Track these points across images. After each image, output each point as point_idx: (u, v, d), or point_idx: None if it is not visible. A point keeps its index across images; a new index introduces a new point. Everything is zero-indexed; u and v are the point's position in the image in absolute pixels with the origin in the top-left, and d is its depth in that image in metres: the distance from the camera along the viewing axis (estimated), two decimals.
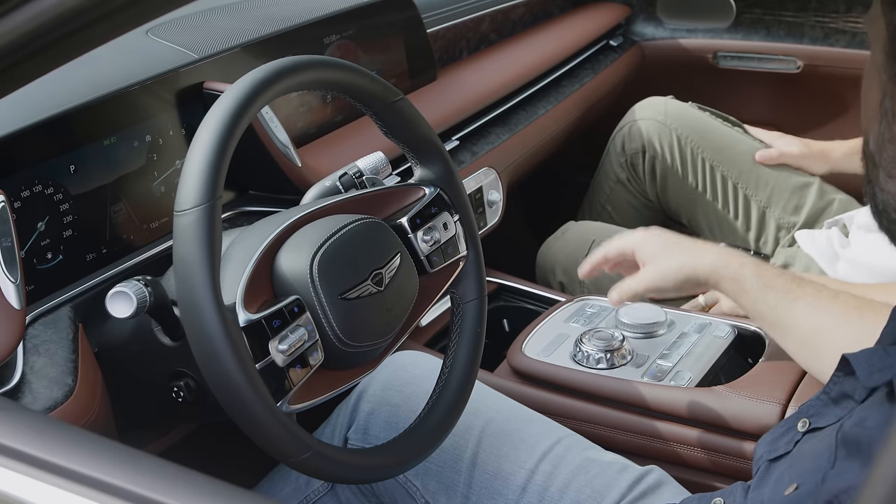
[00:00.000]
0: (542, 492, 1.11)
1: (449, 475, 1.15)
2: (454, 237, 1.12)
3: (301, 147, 1.44)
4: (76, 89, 1.16)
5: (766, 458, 0.89)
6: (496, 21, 2.05)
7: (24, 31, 0.73)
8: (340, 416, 1.25)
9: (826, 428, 0.81)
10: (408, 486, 1.17)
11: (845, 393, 0.80)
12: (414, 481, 1.17)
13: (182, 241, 0.85)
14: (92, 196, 1.16)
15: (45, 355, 1.03)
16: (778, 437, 0.89)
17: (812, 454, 0.80)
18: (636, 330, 1.40)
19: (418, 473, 1.17)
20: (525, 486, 1.12)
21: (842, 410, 0.80)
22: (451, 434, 1.09)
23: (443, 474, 1.15)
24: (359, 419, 1.22)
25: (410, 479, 1.17)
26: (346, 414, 1.24)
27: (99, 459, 0.65)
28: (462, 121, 1.74)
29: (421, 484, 1.16)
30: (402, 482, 1.17)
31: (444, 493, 1.15)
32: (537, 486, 1.11)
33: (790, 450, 0.85)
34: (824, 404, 0.84)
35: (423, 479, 1.16)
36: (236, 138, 0.89)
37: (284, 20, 1.50)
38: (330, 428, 1.26)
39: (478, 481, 1.14)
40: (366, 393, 1.23)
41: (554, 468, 1.12)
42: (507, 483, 1.12)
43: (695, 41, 2.33)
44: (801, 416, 0.86)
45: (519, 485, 1.12)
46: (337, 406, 1.27)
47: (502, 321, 1.67)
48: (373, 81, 1.05)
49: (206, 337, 0.84)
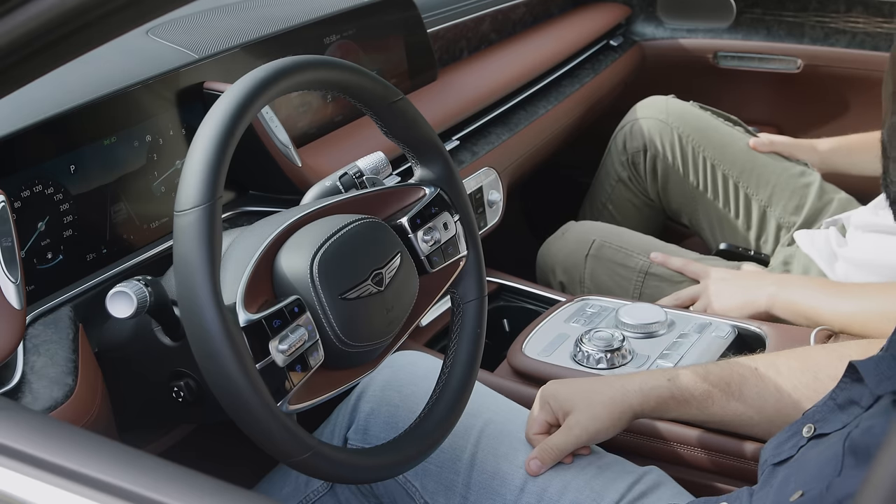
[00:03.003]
0: (541, 493, 1.11)
1: (448, 475, 1.15)
2: (454, 237, 1.12)
3: (301, 147, 1.44)
4: (76, 89, 1.16)
5: (771, 461, 0.89)
6: (496, 21, 2.05)
7: (25, 31, 0.73)
8: (340, 415, 1.25)
9: (831, 434, 0.81)
10: (407, 486, 1.17)
11: (852, 399, 0.80)
12: (413, 482, 1.17)
13: (182, 241, 0.85)
14: (92, 196, 1.16)
15: (45, 355, 1.03)
16: (783, 442, 0.89)
17: (818, 461, 0.80)
18: (636, 330, 1.39)
19: (417, 474, 1.17)
20: (523, 486, 1.11)
21: (848, 417, 0.80)
22: (450, 435, 1.09)
23: (441, 475, 1.15)
24: (359, 419, 1.22)
25: (410, 480, 1.17)
26: (346, 414, 1.24)
27: (99, 459, 0.65)
28: (462, 121, 1.74)
29: (420, 484, 1.16)
30: (402, 482, 1.17)
31: (442, 493, 1.15)
32: (536, 487, 1.11)
33: (794, 454, 0.85)
34: (830, 410, 0.84)
35: (422, 480, 1.16)
36: (236, 138, 0.89)
37: (284, 20, 1.50)
38: (330, 428, 1.26)
39: (476, 481, 1.14)
40: (366, 393, 1.23)
41: (553, 469, 1.12)
42: (505, 483, 1.12)
43: (695, 41, 2.33)
44: (806, 421, 0.86)
45: (517, 485, 1.12)
46: (336, 406, 1.27)
47: (502, 321, 1.67)
48: (373, 81, 1.05)
49: (207, 337, 0.84)
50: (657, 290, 1.68)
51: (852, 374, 0.82)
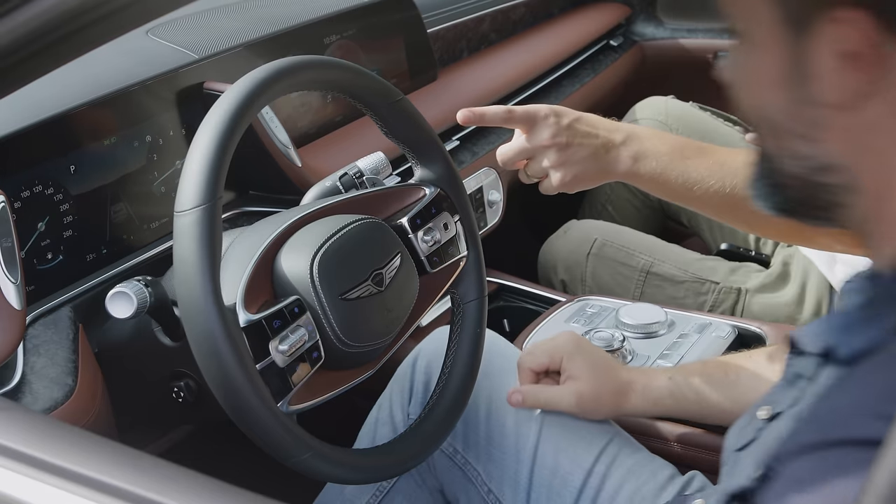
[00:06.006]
0: (595, 495, 1.11)
1: (511, 465, 1.14)
2: (454, 237, 1.12)
3: (301, 147, 1.44)
4: (76, 89, 1.16)
5: (732, 448, 0.90)
6: (496, 21, 2.05)
7: (25, 31, 0.73)
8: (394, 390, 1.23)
9: (785, 412, 0.82)
10: (467, 469, 1.16)
11: (798, 373, 0.81)
12: (476, 466, 1.16)
13: (182, 241, 0.85)
14: (92, 196, 1.16)
15: (45, 356, 1.03)
16: (743, 428, 0.90)
17: (777, 437, 0.80)
18: (637, 330, 1.39)
19: (480, 458, 1.16)
20: (582, 488, 1.11)
21: (797, 392, 0.80)
22: (514, 419, 1.11)
23: (505, 462, 1.15)
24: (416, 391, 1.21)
25: (471, 464, 1.16)
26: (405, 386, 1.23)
27: (99, 459, 0.65)
28: None
29: (483, 469, 1.15)
30: (461, 464, 1.16)
31: (509, 485, 1.14)
32: (592, 490, 1.11)
33: (755, 437, 0.86)
34: (781, 388, 0.85)
35: (485, 465, 1.15)
36: (237, 138, 0.89)
37: (284, 20, 1.51)
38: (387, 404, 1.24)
39: (538, 477, 1.13)
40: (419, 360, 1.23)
41: (607, 469, 1.12)
42: (566, 484, 1.12)
43: (695, 41, 2.32)
44: (761, 404, 0.87)
45: (576, 486, 1.11)
46: None
47: (502, 321, 1.67)
48: (373, 81, 1.05)
49: (207, 337, 0.84)
50: (658, 289, 1.68)
51: (793, 348, 0.82)
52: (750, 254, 1.81)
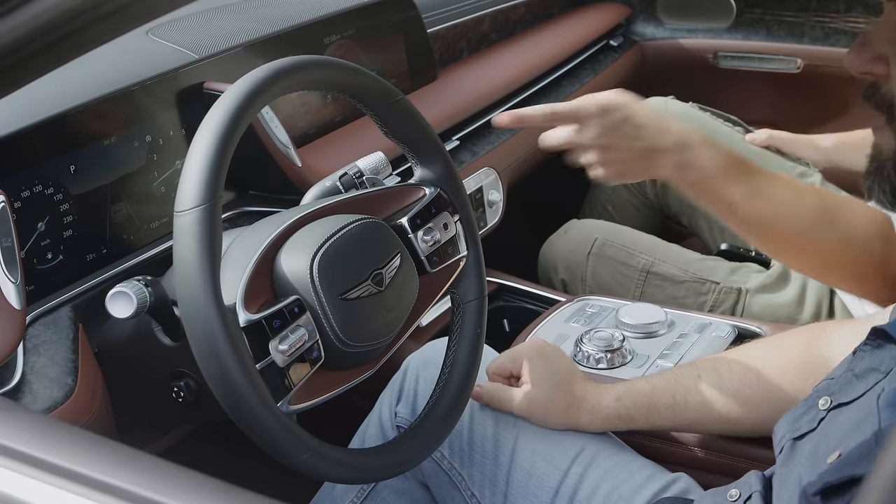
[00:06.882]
0: (572, 494, 1.11)
1: (490, 467, 1.15)
2: (454, 237, 1.12)
3: (301, 147, 1.44)
4: (76, 89, 1.16)
5: (790, 437, 0.89)
6: (496, 21, 2.05)
7: (25, 31, 0.73)
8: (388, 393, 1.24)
9: (854, 402, 0.81)
10: (453, 474, 1.17)
11: (872, 367, 0.81)
12: (460, 471, 1.17)
13: (182, 241, 0.85)
14: (92, 196, 1.16)
15: (45, 355, 1.03)
16: (799, 417, 0.89)
17: (848, 424, 0.80)
18: (636, 330, 1.39)
19: (464, 463, 1.16)
20: (558, 488, 1.12)
21: (866, 384, 0.80)
22: (494, 422, 1.11)
23: (485, 465, 1.15)
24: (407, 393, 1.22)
25: (456, 469, 1.17)
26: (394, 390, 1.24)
27: (99, 459, 0.65)
28: (462, 121, 1.74)
29: (467, 474, 1.16)
30: (447, 469, 1.17)
31: (489, 487, 1.15)
32: (568, 489, 1.11)
33: (815, 427, 0.85)
34: (847, 381, 0.84)
35: (468, 470, 1.16)
36: (236, 138, 0.89)
37: (284, 20, 1.51)
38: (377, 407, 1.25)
39: (514, 479, 1.14)
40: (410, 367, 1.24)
41: (584, 469, 1.12)
42: (541, 484, 1.13)
43: (695, 41, 2.32)
44: (820, 395, 0.86)
45: (552, 486, 1.12)
46: None
47: (502, 321, 1.67)
48: (373, 81, 1.05)
49: (207, 337, 0.84)
50: (659, 289, 1.68)
51: (873, 342, 0.82)
52: (750, 254, 1.81)
